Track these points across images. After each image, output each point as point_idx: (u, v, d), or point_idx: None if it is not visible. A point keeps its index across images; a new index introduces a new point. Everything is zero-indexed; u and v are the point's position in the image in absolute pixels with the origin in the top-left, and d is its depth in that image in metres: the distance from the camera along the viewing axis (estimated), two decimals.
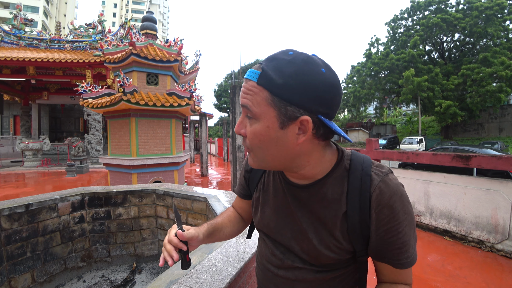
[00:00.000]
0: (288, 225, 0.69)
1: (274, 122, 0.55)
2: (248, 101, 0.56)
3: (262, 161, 0.61)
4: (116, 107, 5.11)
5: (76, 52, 12.94)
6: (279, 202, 0.71)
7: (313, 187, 0.64)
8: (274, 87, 0.53)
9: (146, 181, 5.38)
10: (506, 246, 3.65)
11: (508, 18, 19.91)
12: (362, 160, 0.63)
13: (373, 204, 0.58)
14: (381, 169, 0.61)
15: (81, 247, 2.81)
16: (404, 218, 0.57)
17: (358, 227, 0.59)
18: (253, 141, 0.59)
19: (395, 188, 0.58)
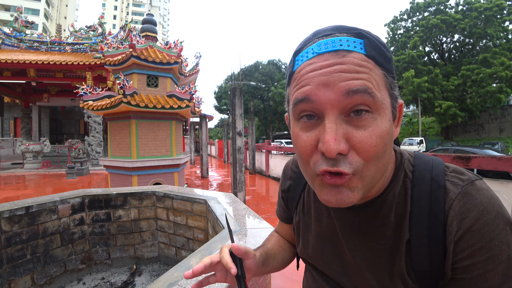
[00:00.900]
0: (338, 258, 0.53)
1: (390, 112, 0.40)
2: (368, 83, 0.36)
3: (371, 181, 0.40)
4: (116, 109, 5.11)
5: (76, 54, 12.98)
6: (324, 229, 0.55)
7: (369, 209, 0.47)
8: (387, 61, 0.39)
9: (146, 183, 5.38)
10: None
11: (507, 19, 19.94)
12: (431, 164, 0.45)
13: (450, 228, 0.40)
14: (461, 176, 0.43)
15: (81, 250, 2.81)
16: (499, 251, 0.37)
17: (426, 263, 0.41)
18: (376, 149, 0.37)
19: (486, 203, 0.39)
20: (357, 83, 0.36)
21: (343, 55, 0.37)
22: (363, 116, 0.37)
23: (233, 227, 1.82)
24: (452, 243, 0.39)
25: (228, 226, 0.55)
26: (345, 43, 0.37)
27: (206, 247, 1.53)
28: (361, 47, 0.37)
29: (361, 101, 0.36)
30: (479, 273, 0.38)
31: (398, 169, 0.46)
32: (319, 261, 0.57)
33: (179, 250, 2.84)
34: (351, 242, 0.50)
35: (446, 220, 0.40)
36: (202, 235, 2.59)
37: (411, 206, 0.43)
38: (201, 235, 2.60)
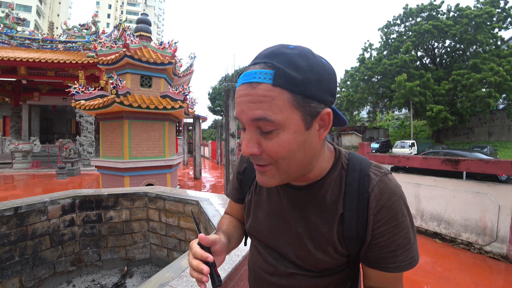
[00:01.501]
0: (284, 230, 0.65)
1: (300, 125, 0.49)
2: (266, 111, 0.48)
3: (286, 172, 0.53)
4: (109, 109, 5.07)
5: (69, 52, 12.81)
6: (274, 206, 0.67)
7: (312, 189, 0.60)
8: (296, 85, 0.47)
9: (139, 184, 5.34)
10: (494, 248, 3.73)
11: (496, 26, 20.43)
12: (360, 160, 0.61)
13: (371, 205, 0.55)
14: (380, 169, 0.59)
15: (71, 251, 2.77)
16: (403, 220, 0.54)
17: (355, 230, 0.56)
18: (278, 154, 0.51)
19: (394, 189, 0.55)
20: (258, 113, 0.48)
21: (254, 87, 0.48)
22: (262, 134, 0.51)
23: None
24: (372, 215, 0.55)
25: (194, 219, 0.64)
26: (257, 75, 0.48)
27: None
28: (270, 77, 0.47)
29: (262, 125, 0.49)
30: (390, 236, 0.54)
31: (336, 161, 0.61)
32: (267, 234, 0.68)
33: (171, 252, 2.83)
34: (295, 215, 0.62)
35: (369, 198, 0.55)
36: (194, 236, 2.59)
37: (345, 188, 0.58)
38: (193, 237, 2.60)
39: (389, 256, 0.55)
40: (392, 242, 0.54)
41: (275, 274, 0.67)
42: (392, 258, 0.55)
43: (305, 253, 0.61)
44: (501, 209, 3.68)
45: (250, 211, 0.73)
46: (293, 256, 0.63)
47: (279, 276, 0.66)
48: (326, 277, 0.62)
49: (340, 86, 29.26)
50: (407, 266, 0.55)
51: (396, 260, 0.54)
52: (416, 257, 0.56)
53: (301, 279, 0.63)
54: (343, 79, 29.00)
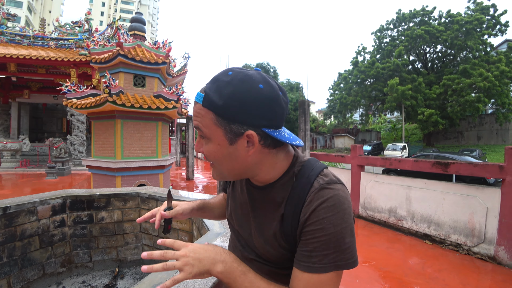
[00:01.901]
0: (246, 222, 0.74)
1: (223, 140, 0.59)
2: (198, 123, 0.61)
3: (221, 173, 0.66)
4: (101, 108, 5.01)
5: (60, 50, 12.61)
6: (242, 200, 0.76)
7: (265, 190, 0.69)
8: (217, 108, 0.57)
9: (131, 184, 5.29)
10: (482, 249, 3.81)
11: (486, 33, 20.91)
12: (312, 168, 0.65)
13: (304, 209, 0.59)
14: (326, 178, 0.62)
15: (61, 252, 2.73)
16: (328, 227, 0.56)
17: (289, 229, 0.62)
18: (210, 157, 0.63)
19: (330, 197, 0.58)
20: (195, 123, 0.62)
21: (195, 104, 0.61)
22: (204, 138, 0.63)
23: (218, 229, 1.84)
24: (302, 217, 0.59)
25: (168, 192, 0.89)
26: (197, 96, 0.61)
27: None
28: (201, 100, 0.59)
29: (199, 132, 0.62)
30: (310, 237, 0.57)
31: (290, 167, 0.67)
32: (238, 223, 0.78)
33: None
34: (254, 211, 0.72)
35: (304, 203, 0.60)
36: (187, 237, 2.58)
37: (290, 192, 0.64)
38: (186, 237, 2.59)
39: (304, 255, 0.58)
40: (311, 243, 0.57)
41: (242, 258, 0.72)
42: (306, 258, 0.57)
43: (259, 244, 0.69)
44: (488, 211, 3.77)
45: (228, 201, 0.85)
46: (252, 245, 0.73)
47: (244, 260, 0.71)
48: (283, 269, 0.68)
49: (333, 88, 29.47)
50: (318, 269, 0.55)
51: (309, 261, 0.57)
52: (331, 266, 0.55)
53: (260, 266, 0.71)
54: (336, 82, 29.21)
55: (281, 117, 0.60)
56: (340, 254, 0.56)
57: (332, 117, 33.05)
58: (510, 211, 3.53)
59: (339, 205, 0.58)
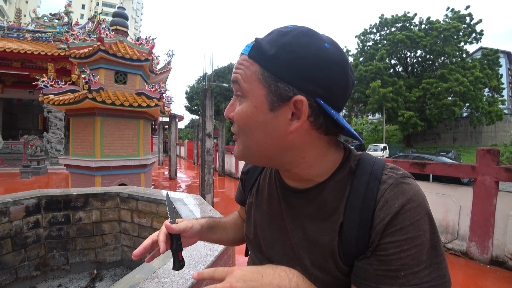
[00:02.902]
0: (280, 239, 0.57)
1: (262, 101, 0.47)
2: (238, 75, 0.49)
3: (246, 149, 0.51)
4: (80, 105, 4.85)
5: (37, 43, 12.06)
6: (273, 211, 0.60)
7: (310, 193, 0.52)
8: (265, 60, 0.46)
9: (111, 183, 5.15)
10: (455, 245, 4.00)
11: (462, 40, 21.92)
12: (373, 161, 0.51)
13: (377, 213, 0.44)
14: (396, 171, 0.48)
15: (36, 255, 2.62)
16: (417, 235, 0.42)
17: (353, 244, 0.46)
18: (238, 123, 0.50)
19: (412, 195, 0.44)
20: (234, 76, 0.50)
21: (240, 56, 0.50)
22: (239, 98, 0.51)
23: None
24: (377, 225, 0.44)
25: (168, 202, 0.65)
26: (245, 48, 0.50)
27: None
28: (248, 50, 0.48)
29: (236, 88, 0.51)
30: (395, 251, 0.42)
31: (343, 162, 0.52)
32: (264, 241, 0.61)
33: None
34: (292, 223, 0.55)
35: (376, 206, 0.45)
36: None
37: (349, 194, 0.49)
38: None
39: (386, 276, 0.42)
40: (396, 260, 0.42)
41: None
42: (389, 279, 0.42)
43: (300, 268, 0.51)
44: (461, 209, 3.96)
45: (250, 215, 0.67)
46: None
47: None
48: None
49: None
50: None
51: (395, 283, 0.41)
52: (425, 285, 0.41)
53: None
54: None
55: (343, 94, 0.48)
56: (435, 270, 0.42)
57: None
58: (481, 209, 3.73)
59: (424, 205, 0.44)
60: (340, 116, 0.47)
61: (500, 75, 21.75)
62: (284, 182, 0.58)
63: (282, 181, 0.58)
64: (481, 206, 3.73)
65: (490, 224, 3.64)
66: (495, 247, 3.62)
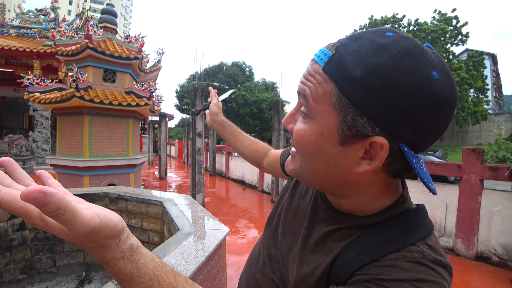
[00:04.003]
0: (295, 234, 0.55)
1: (332, 131, 0.38)
2: (307, 89, 0.40)
3: (302, 171, 0.46)
4: (67, 104, 4.74)
5: (22, 39, 11.72)
6: (301, 206, 0.58)
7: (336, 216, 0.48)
8: (346, 82, 0.36)
9: (99, 184, 5.06)
10: (443, 242, 4.10)
11: (449, 42, 22.43)
12: (418, 224, 0.42)
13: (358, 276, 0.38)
14: (432, 251, 0.38)
15: (21, 258, 2.55)
16: None
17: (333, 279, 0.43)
18: (298, 145, 0.43)
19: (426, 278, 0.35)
20: (302, 87, 0.41)
21: (311, 64, 0.41)
22: (302, 115, 0.43)
23: (188, 229, 1.81)
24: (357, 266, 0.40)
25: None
26: (319, 54, 0.40)
27: (160, 249, 1.50)
28: (325, 60, 0.38)
29: (300, 101, 0.43)
30: None
31: (389, 208, 0.44)
32: (282, 226, 0.59)
33: None
34: (307, 229, 0.52)
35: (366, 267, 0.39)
36: (158, 238, 2.52)
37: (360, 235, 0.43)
38: (157, 238, 2.53)
39: None
40: None
41: (261, 270, 0.58)
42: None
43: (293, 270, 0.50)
44: (448, 207, 4.07)
45: (283, 197, 0.65)
46: (285, 264, 0.54)
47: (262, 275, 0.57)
48: None
49: None
50: None
51: None
52: None
53: None
54: None
55: (432, 138, 0.38)
56: None
57: None
58: (466, 207, 3.84)
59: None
60: (419, 163, 0.37)
61: (485, 76, 22.38)
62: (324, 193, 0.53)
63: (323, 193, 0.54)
64: (467, 203, 3.84)
65: (475, 221, 3.75)
66: (480, 243, 3.73)
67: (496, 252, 3.57)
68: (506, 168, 3.54)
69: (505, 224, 3.52)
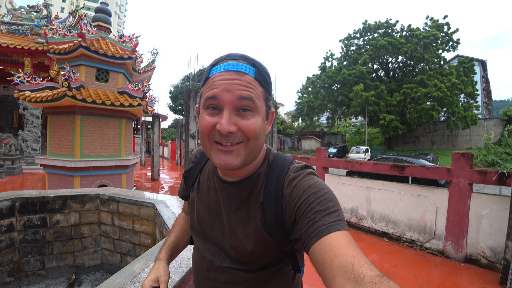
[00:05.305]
0: (219, 223, 0.70)
1: (264, 114, 0.63)
2: (252, 94, 0.58)
3: (249, 153, 0.61)
4: (59, 103, 4.67)
5: (13, 36, 11.50)
6: (212, 201, 0.73)
7: (242, 183, 0.67)
8: (266, 84, 0.63)
9: (91, 185, 4.98)
10: (433, 245, 4.16)
11: (440, 48, 22.86)
12: (284, 158, 0.69)
13: (284, 191, 0.61)
14: (299, 164, 0.67)
15: (9, 260, 2.50)
16: (317, 190, 0.57)
17: (273, 218, 0.61)
18: (253, 132, 0.59)
19: (307, 176, 0.61)
20: (246, 93, 0.58)
21: (241, 75, 0.58)
22: (247, 113, 0.59)
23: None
24: (286, 200, 0.60)
25: None
26: (244, 68, 0.59)
27: (151, 252, 1.49)
28: (253, 72, 0.59)
29: (247, 104, 0.58)
30: (308, 207, 0.55)
31: (265, 159, 0.70)
32: (206, 227, 0.73)
33: (125, 257, 2.69)
34: (228, 208, 0.68)
35: (283, 187, 0.62)
36: (150, 240, 2.50)
37: (266, 180, 0.65)
38: (148, 240, 2.51)
39: (310, 225, 0.53)
40: (310, 211, 0.54)
41: (211, 269, 0.70)
42: (312, 226, 0.52)
43: (238, 242, 0.65)
44: (438, 210, 4.13)
45: (193, 207, 0.79)
46: (228, 248, 0.67)
47: (215, 271, 0.70)
48: (261, 271, 0.66)
49: (301, 92, 30.19)
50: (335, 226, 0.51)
51: (317, 225, 0.51)
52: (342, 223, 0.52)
53: (236, 273, 0.67)
54: (304, 85, 29.97)
55: None
56: (340, 213, 0.55)
57: (300, 119, 33.84)
58: (456, 210, 3.90)
59: (315, 176, 0.62)
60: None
61: (475, 82, 22.84)
62: (222, 178, 0.70)
63: (220, 177, 0.71)
64: (456, 206, 3.90)
65: (465, 224, 3.81)
66: (469, 246, 3.79)
67: (485, 255, 3.64)
68: (494, 172, 3.62)
69: (493, 227, 3.58)
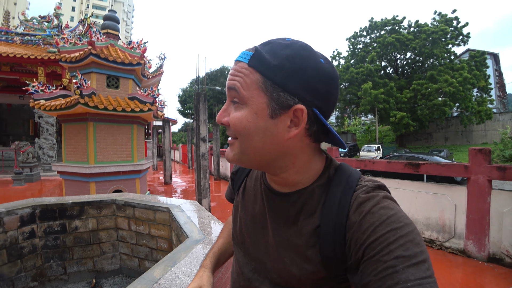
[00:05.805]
0: (263, 238, 0.60)
1: (263, 109, 0.49)
2: (237, 83, 0.50)
3: (242, 153, 0.53)
4: (72, 111, 4.77)
5: (27, 46, 11.84)
6: (257, 210, 0.63)
7: (292, 196, 0.55)
8: (268, 69, 0.48)
9: (106, 190, 5.07)
10: (453, 244, 4.05)
11: (450, 42, 22.33)
12: (350, 172, 0.54)
13: (351, 216, 0.47)
14: (371, 183, 0.51)
15: (32, 265, 2.55)
16: (399, 226, 0.42)
17: (332, 248, 0.48)
18: (237, 128, 0.51)
19: (383, 201, 0.46)
20: (231, 83, 0.51)
21: (237, 64, 0.52)
22: (235, 104, 0.52)
23: (197, 236, 1.80)
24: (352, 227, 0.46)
25: None
26: (242, 55, 0.51)
27: (169, 257, 1.50)
28: (248, 58, 0.50)
29: (232, 95, 0.51)
30: (383, 246, 0.41)
31: (324, 171, 0.55)
32: (249, 240, 0.64)
33: (142, 261, 2.72)
34: (274, 222, 0.58)
35: (349, 210, 0.48)
36: (166, 244, 2.51)
37: (325, 199, 0.52)
38: (165, 245, 2.52)
39: (386, 275, 0.39)
40: (388, 254, 0.40)
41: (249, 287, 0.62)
42: (390, 277, 0.39)
43: (281, 265, 0.55)
44: (457, 208, 4.02)
45: (236, 214, 0.70)
46: (270, 268, 0.58)
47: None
48: None
49: None
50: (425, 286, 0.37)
51: (398, 280, 0.38)
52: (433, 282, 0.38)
53: None
54: None
55: (333, 105, 0.52)
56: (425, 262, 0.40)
57: None
58: (475, 208, 3.79)
59: (393, 202, 0.48)
60: (332, 128, 0.51)
61: (488, 76, 22.21)
62: (270, 185, 0.60)
63: (268, 184, 0.61)
64: (476, 204, 3.79)
65: (486, 222, 3.70)
66: (491, 245, 3.68)
67: (509, 254, 3.52)
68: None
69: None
